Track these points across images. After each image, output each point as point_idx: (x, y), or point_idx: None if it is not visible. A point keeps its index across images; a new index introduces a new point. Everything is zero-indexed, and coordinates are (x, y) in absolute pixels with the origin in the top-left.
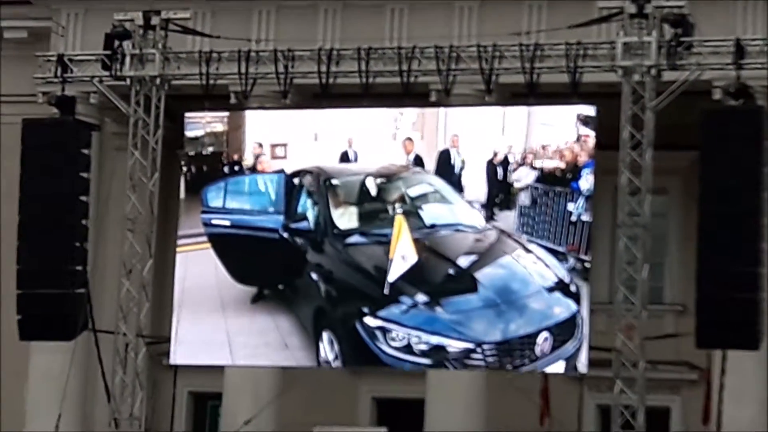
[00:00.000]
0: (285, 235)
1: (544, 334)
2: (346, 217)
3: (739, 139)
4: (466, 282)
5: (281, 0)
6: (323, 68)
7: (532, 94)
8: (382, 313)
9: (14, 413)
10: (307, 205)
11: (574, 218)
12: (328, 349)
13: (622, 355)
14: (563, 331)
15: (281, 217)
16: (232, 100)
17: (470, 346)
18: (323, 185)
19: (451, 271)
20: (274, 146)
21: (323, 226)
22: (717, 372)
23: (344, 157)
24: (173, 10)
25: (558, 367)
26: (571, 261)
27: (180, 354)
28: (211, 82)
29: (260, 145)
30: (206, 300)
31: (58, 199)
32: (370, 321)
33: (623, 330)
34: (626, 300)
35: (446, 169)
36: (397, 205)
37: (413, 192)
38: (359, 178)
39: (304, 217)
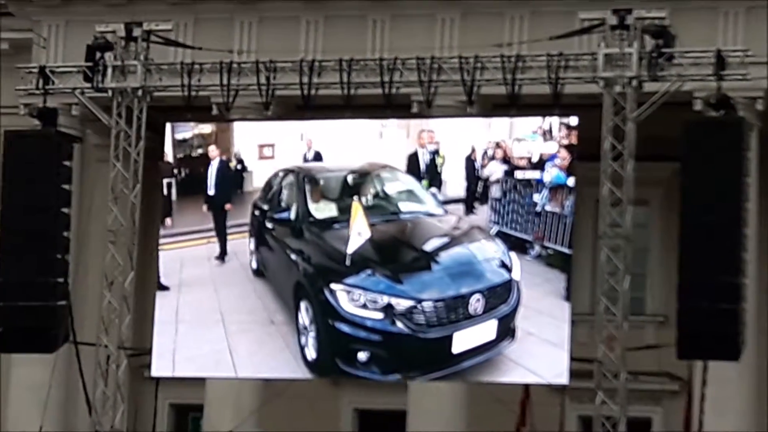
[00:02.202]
0: (269, 225)
1: (477, 296)
2: (324, 210)
3: (720, 150)
4: (424, 262)
5: (263, 11)
6: (305, 80)
7: (513, 105)
8: (348, 280)
9: None
10: (289, 199)
11: (539, 209)
12: (305, 316)
13: (603, 366)
14: (495, 295)
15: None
16: (214, 112)
17: (412, 303)
18: (302, 181)
19: (416, 254)
20: (261, 146)
21: (301, 217)
22: (698, 383)
23: (304, 160)
24: (155, 22)
25: (491, 326)
26: (537, 248)
27: (162, 365)
28: (193, 93)
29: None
30: (203, 287)
31: (39, 211)
32: (335, 286)
33: (605, 341)
34: (608, 311)
35: (431, 166)
36: (370, 197)
37: (389, 189)
38: (339, 175)
39: (287, 209)
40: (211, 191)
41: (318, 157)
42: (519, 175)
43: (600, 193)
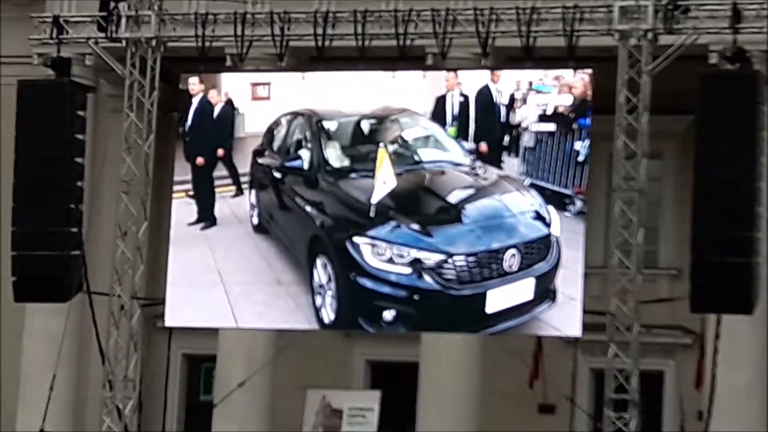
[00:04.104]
0: (278, 175)
1: (512, 251)
2: (339, 157)
3: (735, 104)
4: (453, 214)
5: None
6: (319, 31)
7: (528, 57)
8: (371, 232)
9: (10, 374)
10: (300, 146)
11: (581, 158)
12: (321, 273)
13: (616, 319)
14: (533, 251)
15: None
16: (228, 63)
17: (442, 257)
18: (316, 126)
19: (441, 205)
20: (255, 85)
21: (316, 165)
22: (711, 336)
23: (211, 118)
24: None
25: (528, 285)
26: (579, 204)
27: (175, 315)
28: (207, 44)
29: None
30: (195, 246)
31: (53, 161)
32: (358, 239)
33: (618, 294)
34: (621, 264)
35: (489, 107)
36: (391, 145)
37: (408, 135)
38: (353, 119)
39: (298, 157)
40: (187, 138)
41: (228, 113)
42: (533, 128)
43: (614, 146)
